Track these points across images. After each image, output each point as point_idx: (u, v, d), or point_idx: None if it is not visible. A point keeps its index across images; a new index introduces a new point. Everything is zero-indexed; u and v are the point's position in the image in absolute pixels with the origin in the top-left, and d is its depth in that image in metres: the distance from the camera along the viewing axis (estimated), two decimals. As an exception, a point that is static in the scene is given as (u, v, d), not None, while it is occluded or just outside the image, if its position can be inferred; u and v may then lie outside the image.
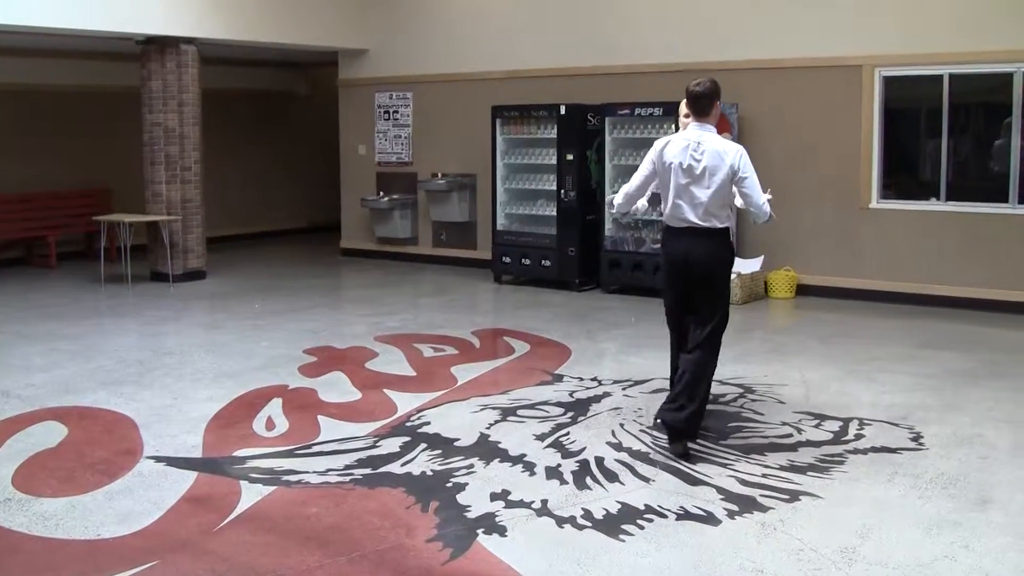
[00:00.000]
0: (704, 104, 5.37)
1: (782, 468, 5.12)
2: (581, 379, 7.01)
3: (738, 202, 5.65)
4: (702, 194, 5.30)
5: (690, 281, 5.43)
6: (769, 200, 5.46)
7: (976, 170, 9.88)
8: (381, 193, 13.30)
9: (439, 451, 5.44)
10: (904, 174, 10.14)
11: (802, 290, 10.25)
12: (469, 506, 4.63)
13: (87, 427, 5.99)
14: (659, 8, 10.94)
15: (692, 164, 5.30)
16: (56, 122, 13.60)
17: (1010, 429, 5.88)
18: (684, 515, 4.51)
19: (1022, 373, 7.16)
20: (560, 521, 4.46)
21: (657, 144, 5.50)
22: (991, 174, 9.54)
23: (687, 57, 10.53)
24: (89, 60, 13.41)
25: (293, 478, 5.05)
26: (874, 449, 5.43)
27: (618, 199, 5.72)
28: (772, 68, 10.20)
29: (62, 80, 13.49)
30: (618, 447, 5.47)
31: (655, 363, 7.49)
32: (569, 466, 5.17)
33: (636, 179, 5.60)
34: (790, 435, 5.69)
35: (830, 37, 9.93)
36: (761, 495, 4.74)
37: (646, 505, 4.63)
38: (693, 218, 5.34)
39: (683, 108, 5.70)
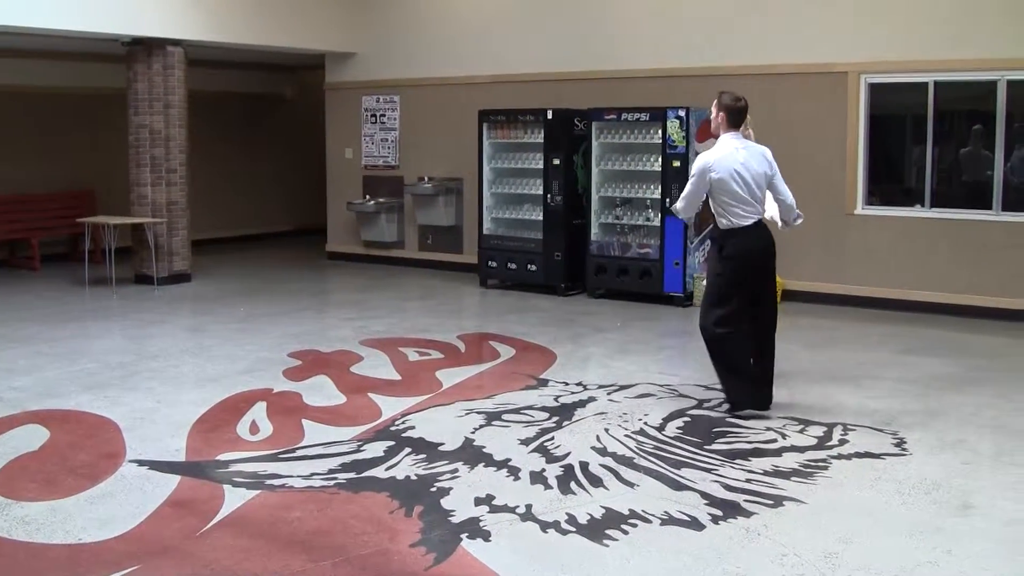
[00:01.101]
0: (741, 117, 6.25)
1: (766, 473, 5.13)
2: (566, 384, 7.01)
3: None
4: (759, 192, 6.18)
5: (760, 270, 6.25)
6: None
7: (960, 177, 9.92)
8: (367, 197, 13.28)
9: (423, 455, 5.43)
10: (889, 180, 10.18)
11: (787, 296, 10.25)
12: (453, 511, 4.63)
13: (69, 430, 5.95)
14: (647, 13, 10.95)
15: (745, 169, 6.09)
16: (41, 123, 13.53)
17: (992, 435, 5.92)
18: (668, 520, 4.52)
19: (1005, 379, 7.20)
20: (544, 526, 4.46)
21: (706, 157, 6.16)
22: (976, 181, 9.59)
23: (674, 62, 10.52)
24: (75, 61, 13.35)
25: (277, 482, 5.03)
26: (858, 454, 5.45)
27: (679, 205, 6.40)
28: (759, 74, 10.20)
29: (47, 81, 13.42)
30: (603, 452, 5.47)
31: (640, 368, 7.50)
32: (553, 471, 5.17)
33: (695, 191, 6.22)
34: (774, 440, 5.71)
35: (817, 43, 9.96)
36: (745, 500, 4.75)
37: (630, 510, 4.62)
38: (757, 214, 6.20)
39: (713, 111, 6.34)
